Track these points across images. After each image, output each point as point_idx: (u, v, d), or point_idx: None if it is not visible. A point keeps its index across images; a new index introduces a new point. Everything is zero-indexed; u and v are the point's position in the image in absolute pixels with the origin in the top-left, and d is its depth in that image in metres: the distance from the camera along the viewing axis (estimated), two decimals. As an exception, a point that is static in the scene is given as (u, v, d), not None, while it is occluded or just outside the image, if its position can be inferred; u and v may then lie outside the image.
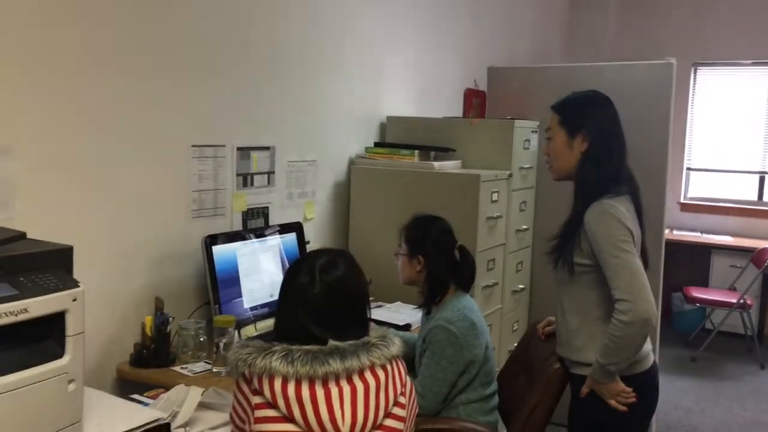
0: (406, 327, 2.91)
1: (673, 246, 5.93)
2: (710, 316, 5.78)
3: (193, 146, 2.69)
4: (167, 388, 2.21)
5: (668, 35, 6.28)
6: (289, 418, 1.56)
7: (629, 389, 2.03)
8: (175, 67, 2.59)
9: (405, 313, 3.04)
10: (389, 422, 1.64)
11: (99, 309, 2.38)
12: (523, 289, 3.83)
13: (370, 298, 1.75)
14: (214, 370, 2.36)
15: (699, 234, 6.21)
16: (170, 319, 2.46)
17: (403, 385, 1.70)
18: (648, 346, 2.12)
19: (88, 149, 2.30)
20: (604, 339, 1.97)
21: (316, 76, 3.33)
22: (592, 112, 2.15)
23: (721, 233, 6.19)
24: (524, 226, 3.76)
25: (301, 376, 1.56)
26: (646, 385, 2.09)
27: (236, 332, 2.54)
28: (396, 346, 1.69)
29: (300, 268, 1.72)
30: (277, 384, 1.56)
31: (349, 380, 1.59)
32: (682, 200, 6.47)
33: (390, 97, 3.92)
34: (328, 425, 1.55)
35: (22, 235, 1.70)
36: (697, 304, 5.59)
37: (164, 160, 2.58)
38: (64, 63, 2.21)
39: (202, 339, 2.48)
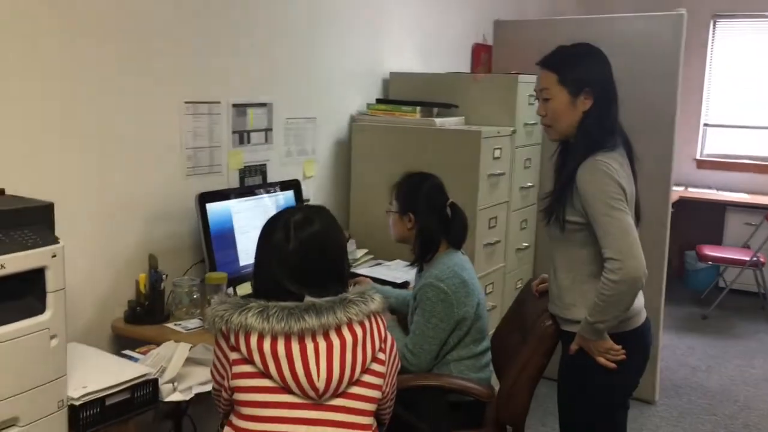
0: (404, 285, 2.90)
1: (688, 204, 5.86)
2: (723, 274, 5.71)
3: (186, 102, 2.67)
4: (159, 345, 2.23)
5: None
6: (265, 374, 1.57)
7: (618, 347, 2.00)
8: (167, 22, 2.55)
9: (403, 271, 3.02)
10: (367, 378, 1.64)
11: (93, 266, 2.39)
12: (527, 247, 3.79)
13: (361, 254, 1.74)
14: (206, 326, 2.36)
15: (714, 191, 6.10)
16: (164, 276, 2.46)
17: (383, 341, 1.69)
18: (639, 303, 2.08)
19: (77, 106, 2.28)
20: (594, 297, 1.94)
21: (316, 31, 3.27)
22: (592, 66, 2.07)
23: (737, 190, 6.07)
24: (529, 183, 3.71)
25: (276, 332, 1.56)
26: (636, 343, 2.06)
27: (232, 289, 2.55)
28: (376, 302, 1.68)
29: (275, 225, 1.70)
30: (253, 340, 1.57)
31: (326, 336, 1.59)
32: (698, 157, 6.34)
33: (394, 53, 3.85)
34: (303, 380, 1.56)
35: (0, 192, 1.70)
36: (710, 263, 5.51)
37: (156, 116, 2.56)
38: (51, 20, 2.18)
39: (195, 296, 2.49)
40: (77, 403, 1.77)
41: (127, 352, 2.20)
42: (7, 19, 2.07)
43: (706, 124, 6.34)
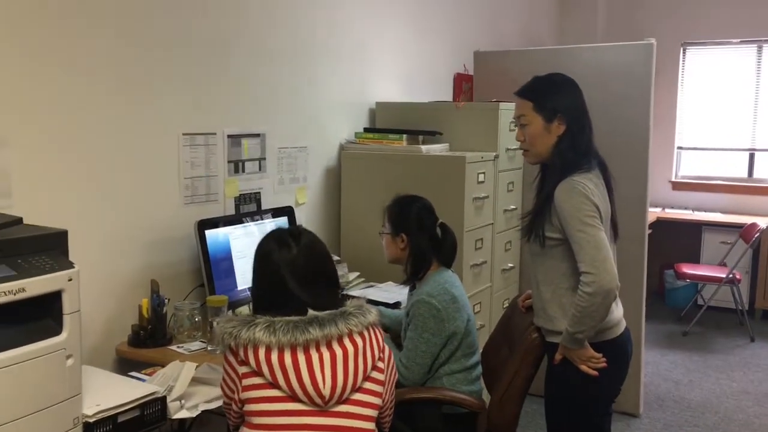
0: (396, 305, 3.01)
1: (666, 224, 6.05)
2: (701, 291, 5.88)
3: (184, 134, 2.79)
4: (164, 366, 2.32)
5: (657, 16, 6.35)
6: (273, 384, 1.67)
7: (599, 355, 2.13)
8: (166, 58, 2.68)
9: (395, 292, 3.14)
10: (368, 385, 1.75)
11: (98, 292, 2.49)
12: (512, 268, 3.93)
13: (353, 277, 1.85)
14: (209, 348, 2.47)
15: (690, 212, 6.30)
16: (166, 300, 2.56)
17: (381, 351, 1.80)
18: (618, 314, 2.22)
19: (82, 139, 2.40)
20: (572, 309, 2.08)
21: (305, 64, 3.41)
22: (564, 94, 2.23)
23: (712, 210, 6.28)
24: (512, 206, 3.85)
25: (283, 344, 1.67)
26: (616, 352, 2.19)
27: (230, 312, 2.64)
28: (372, 314, 1.80)
29: (270, 241, 1.84)
30: (261, 353, 1.67)
31: (329, 346, 1.70)
32: (673, 179, 6.55)
33: (379, 83, 4.01)
34: (310, 389, 1.66)
35: (19, 220, 1.80)
36: (688, 280, 5.68)
37: (156, 148, 2.68)
38: (58, 54, 2.30)
39: (197, 319, 2.58)
40: (91, 420, 1.86)
41: (134, 373, 2.28)
42: (22, 57, 2.19)
43: (680, 147, 6.56)
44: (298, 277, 1.78)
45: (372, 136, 3.69)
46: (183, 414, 2.10)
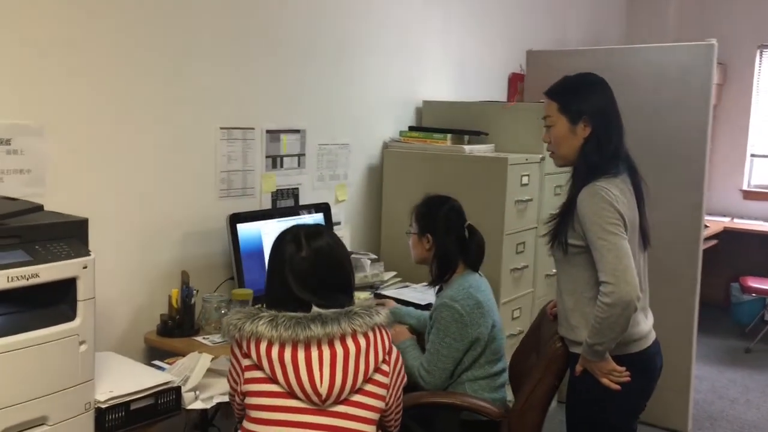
0: (428, 306, 2.96)
1: (734, 235, 5.76)
2: (769, 307, 5.59)
3: (222, 128, 2.82)
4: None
5: (732, 17, 6.05)
6: (272, 379, 1.67)
7: (621, 368, 2.03)
8: (204, 50, 2.71)
9: (428, 293, 3.09)
10: (369, 387, 1.72)
11: (130, 281, 2.54)
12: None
13: (389, 276, 1.78)
14: (222, 334, 2.48)
15: (762, 223, 5.98)
16: (195, 292, 2.60)
17: (387, 353, 1.76)
18: (646, 327, 2.11)
19: (118, 130, 2.46)
20: (591, 319, 1.99)
21: (351, 59, 3.40)
22: (591, 96, 2.14)
23: (786, 222, 5.96)
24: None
25: (284, 339, 1.66)
26: (641, 366, 2.09)
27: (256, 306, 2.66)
28: (381, 316, 1.76)
29: (286, 237, 1.83)
30: (263, 347, 1.67)
31: (330, 345, 1.68)
32: (744, 187, 6.23)
33: (429, 81, 3.96)
34: (307, 386, 1.65)
35: (39, 207, 1.85)
36: (754, 294, 5.40)
37: (192, 141, 2.71)
38: (94, 46, 2.36)
39: (223, 311, 2.61)
40: (103, 406, 1.89)
41: (157, 362, 2.32)
42: (59, 53, 2.26)
43: (753, 155, 6.24)
44: (301, 279, 1.77)
45: (416, 135, 3.65)
46: (197, 405, 2.12)
